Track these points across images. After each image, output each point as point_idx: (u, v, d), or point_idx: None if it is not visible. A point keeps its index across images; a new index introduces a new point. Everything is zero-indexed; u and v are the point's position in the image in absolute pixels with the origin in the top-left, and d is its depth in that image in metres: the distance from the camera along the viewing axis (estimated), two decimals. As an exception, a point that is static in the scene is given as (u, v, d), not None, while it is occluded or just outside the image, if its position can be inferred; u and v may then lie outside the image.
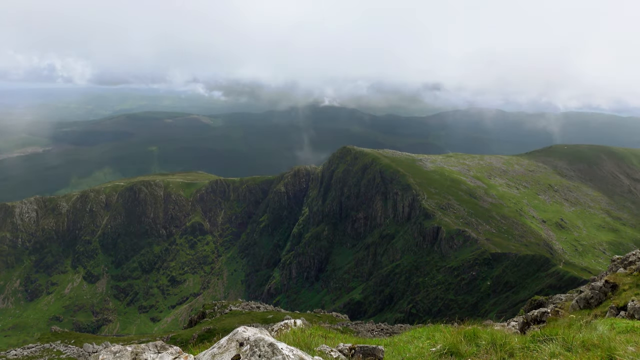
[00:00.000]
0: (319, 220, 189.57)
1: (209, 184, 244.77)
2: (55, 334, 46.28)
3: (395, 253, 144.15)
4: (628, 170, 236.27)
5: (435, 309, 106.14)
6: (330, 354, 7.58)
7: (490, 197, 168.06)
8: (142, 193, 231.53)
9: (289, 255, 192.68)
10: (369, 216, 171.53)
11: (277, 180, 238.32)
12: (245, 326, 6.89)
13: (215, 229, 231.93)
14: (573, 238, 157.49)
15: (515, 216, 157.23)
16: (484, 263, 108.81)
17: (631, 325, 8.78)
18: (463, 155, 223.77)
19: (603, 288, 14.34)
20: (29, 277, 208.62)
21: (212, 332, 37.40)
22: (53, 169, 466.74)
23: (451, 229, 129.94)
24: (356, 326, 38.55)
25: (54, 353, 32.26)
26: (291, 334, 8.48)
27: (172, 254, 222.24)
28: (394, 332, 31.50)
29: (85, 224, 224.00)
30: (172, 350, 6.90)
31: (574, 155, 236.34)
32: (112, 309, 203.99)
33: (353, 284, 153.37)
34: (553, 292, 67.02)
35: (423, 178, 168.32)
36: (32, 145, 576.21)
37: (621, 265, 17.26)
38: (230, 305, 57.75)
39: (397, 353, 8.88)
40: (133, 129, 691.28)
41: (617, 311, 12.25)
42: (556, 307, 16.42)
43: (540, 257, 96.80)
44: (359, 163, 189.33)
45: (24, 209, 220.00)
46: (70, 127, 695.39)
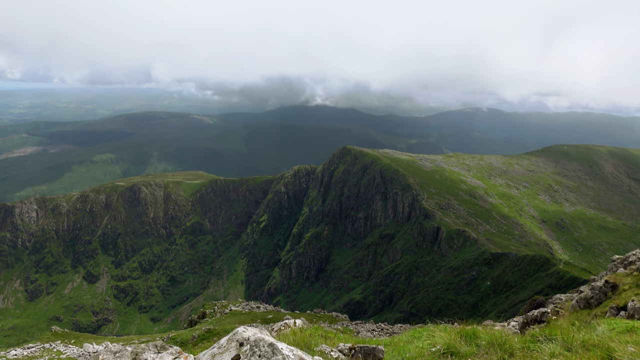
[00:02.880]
0: (319, 220, 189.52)
1: (209, 184, 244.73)
2: (55, 334, 46.26)
3: (395, 253, 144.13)
4: (628, 170, 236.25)
5: (435, 309, 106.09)
6: (330, 354, 7.58)
7: (490, 197, 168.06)
8: (142, 193, 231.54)
9: (289, 255, 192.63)
10: (369, 216, 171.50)
11: (277, 180, 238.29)
12: (245, 326, 6.90)
13: (215, 229, 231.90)
14: (573, 238, 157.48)
15: (515, 216, 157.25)
16: (484, 263, 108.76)
17: (631, 325, 8.77)
18: (463, 155, 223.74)
19: (603, 288, 14.34)
20: (29, 277, 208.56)
21: (212, 332, 37.38)
22: (53, 169, 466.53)
23: (451, 229, 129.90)
24: (356, 326, 38.56)
25: (54, 353, 32.24)
26: (291, 334, 8.49)
27: (172, 254, 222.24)
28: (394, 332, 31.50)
29: (85, 224, 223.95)
30: (172, 350, 6.91)
31: (574, 155, 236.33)
32: (112, 309, 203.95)
33: (353, 284, 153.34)
34: (553, 292, 67.02)
35: (423, 178, 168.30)
36: (32, 145, 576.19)
37: (621, 265, 17.26)
38: (230, 305, 57.74)
39: (397, 353, 8.88)
40: (133, 129, 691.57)
41: (617, 311, 12.25)
42: (556, 307, 16.42)
43: (540, 257, 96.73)
44: (358, 163, 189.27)
45: (24, 209, 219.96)
46: (70, 127, 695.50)
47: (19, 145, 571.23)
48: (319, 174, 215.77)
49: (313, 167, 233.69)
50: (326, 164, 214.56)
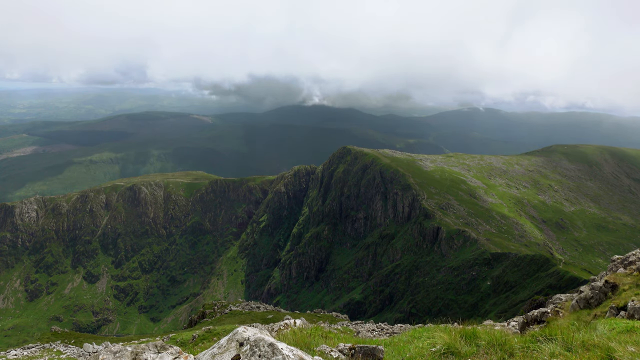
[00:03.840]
0: (319, 220, 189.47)
1: (209, 184, 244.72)
2: (55, 334, 46.25)
3: (395, 253, 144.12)
4: (628, 170, 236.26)
5: (435, 309, 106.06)
6: (330, 354, 7.58)
7: (490, 197, 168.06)
8: (142, 193, 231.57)
9: (289, 255, 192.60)
10: (369, 216, 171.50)
11: (277, 180, 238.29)
12: (245, 326, 6.90)
13: (215, 229, 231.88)
14: (573, 238, 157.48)
15: (515, 216, 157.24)
16: (484, 263, 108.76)
17: (631, 325, 8.77)
18: (463, 155, 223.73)
19: (603, 288, 14.34)
20: (29, 277, 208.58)
21: (212, 332, 37.36)
22: (53, 169, 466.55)
23: (451, 229, 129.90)
24: (356, 326, 38.53)
25: (54, 353, 32.25)
26: (291, 334, 8.49)
27: (172, 254, 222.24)
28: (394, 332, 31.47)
29: (85, 224, 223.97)
30: (172, 350, 6.91)
31: (574, 155, 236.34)
32: (112, 309, 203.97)
33: (353, 284, 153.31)
34: (553, 292, 67.02)
35: (423, 178, 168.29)
36: (32, 145, 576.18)
37: (621, 265, 17.25)
38: (230, 305, 57.75)
39: (397, 353, 8.87)
40: (133, 128, 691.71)
41: (617, 311, 12.24)
42: (556, 307, 16.41)
43: (540, 257, 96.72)
44: (359, 163, 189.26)
45: (24, 209, 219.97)
46: (70, 127, 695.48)
47: (19, 145, 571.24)
48: (319, 174, 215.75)
49: (313, 167, 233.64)
50: (326, 164, 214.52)
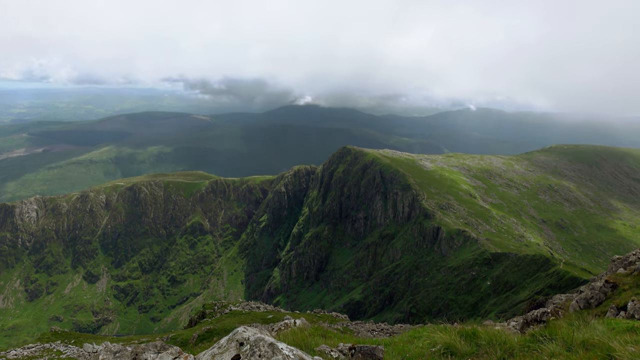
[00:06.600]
0: (319, 220, 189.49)
1: (209, 184, 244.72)
2: (55, 334, 46.23)
3: (395, 253, 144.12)
4: (628, 170, 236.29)
5: (435, 309, 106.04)
6: (330, 354, 7.58)
7: (490, 197, 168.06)
8: (142, 193, 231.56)
9: (289, 255, 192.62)
10: (369, 216, 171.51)
11: (277, 180, 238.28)
12: (245, 326, 6.89)
13: (215, 229, 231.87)
14: (573, 238, 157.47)
15: (515, 216, 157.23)
16: (484, 263, 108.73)
17: (631, 325, 8.76)
18: (463, 155, 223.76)
19: (603, 288, 14.34)
20: (29, 277, 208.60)
21: (212, 332, 37.35)
22: (53, 169, 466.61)
23: (451, 229, 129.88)
24: (356, 326, 38.52)
25: (54, 353, 32.24)
26: (291, 334, 8.49)
27: (172, 254, 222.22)
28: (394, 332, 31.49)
29: (85, 224, 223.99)
30: (172, 351, 6.91)
31: (574, 155, 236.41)
32: (112, 309, 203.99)
33: (353, 284, 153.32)
34: (553, 292, 67.04)
35: (423, 178, 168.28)
36: (32, 145, 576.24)
37: (621, 265, 17.27)
38: (230, 305, 57.71)
39: (397, 353, 8.86)
40: (133, 128, 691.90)
41: (617, 311, 12.25)
42: (556, 307, 16.42)
43: (540, 257, 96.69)
44: (359, 163, 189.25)
45: (24, 209, 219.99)
46: (70, 127, 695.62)
47: (19, 145, 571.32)
48: (319, 174, 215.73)
49: (313, 167, 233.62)
50: (326, 164, 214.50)
